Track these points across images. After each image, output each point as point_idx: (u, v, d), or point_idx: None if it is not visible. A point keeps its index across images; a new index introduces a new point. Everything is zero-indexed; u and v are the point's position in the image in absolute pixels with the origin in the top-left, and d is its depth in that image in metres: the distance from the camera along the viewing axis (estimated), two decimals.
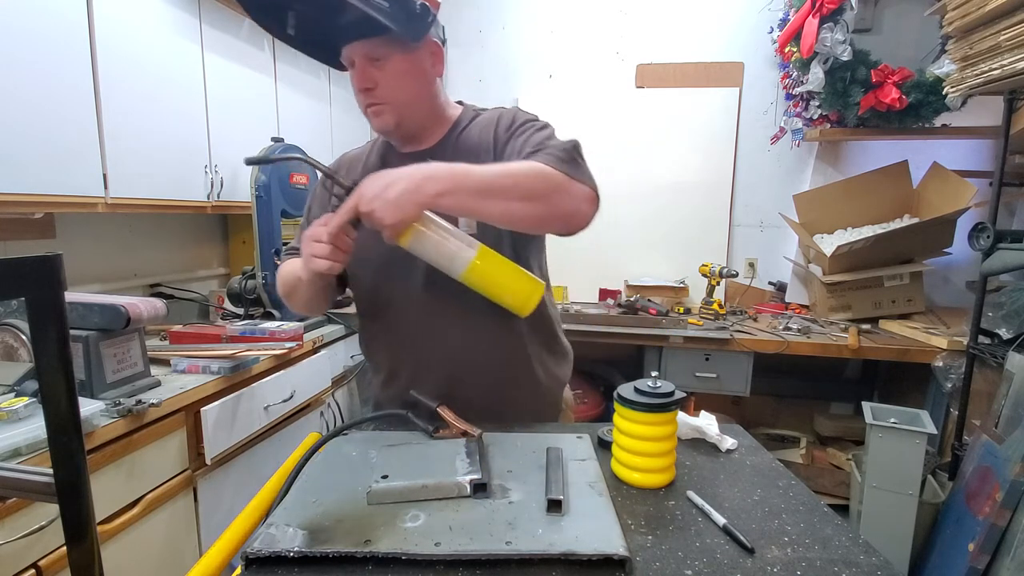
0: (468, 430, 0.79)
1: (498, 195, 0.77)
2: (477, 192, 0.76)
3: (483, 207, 0.77)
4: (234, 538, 0.75)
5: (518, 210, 0.79)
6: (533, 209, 0.80)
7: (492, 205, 0.77)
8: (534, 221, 0.82)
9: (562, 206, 0.81)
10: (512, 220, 0.81)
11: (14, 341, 1.23)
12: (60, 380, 0.44)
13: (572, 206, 0.82)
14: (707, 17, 2.72)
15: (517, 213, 0.79)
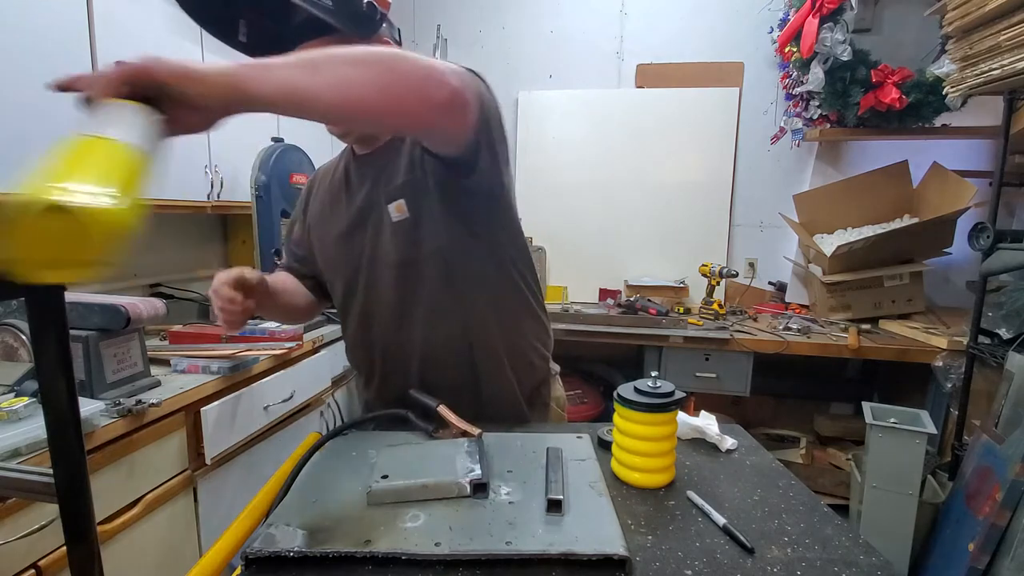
0: (468, 430, 0.79)
1: (325, 61, 0.61)
2: (297, 61, 0.60)
3: (306, 79, 0.59)
4: (234, 538, 0.75)
5: (351, 75, 0.62)
6: (373, 76, 0.63)
7: (316, 76, 0.60)
8: (379, 97, 0.63)
9: (413, 75, 0.64)
10: (347, 96, 0.62)
11: (14, 341, 1.23)
12: (60, 380, 0.44)
13: (426, 77, 0.65)
14: (707, 17, 2.72)
15: (354, 84, 0.62)
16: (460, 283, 0.92)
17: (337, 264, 1.00)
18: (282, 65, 0.59)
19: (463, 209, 0.90)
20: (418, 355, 0.95)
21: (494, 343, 0.96)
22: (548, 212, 2.87)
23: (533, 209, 2.87)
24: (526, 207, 2.88)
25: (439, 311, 0.93)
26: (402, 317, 0.94)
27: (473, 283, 0.93)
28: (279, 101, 0.60)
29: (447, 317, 0.93)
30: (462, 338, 0.94)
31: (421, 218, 0.89)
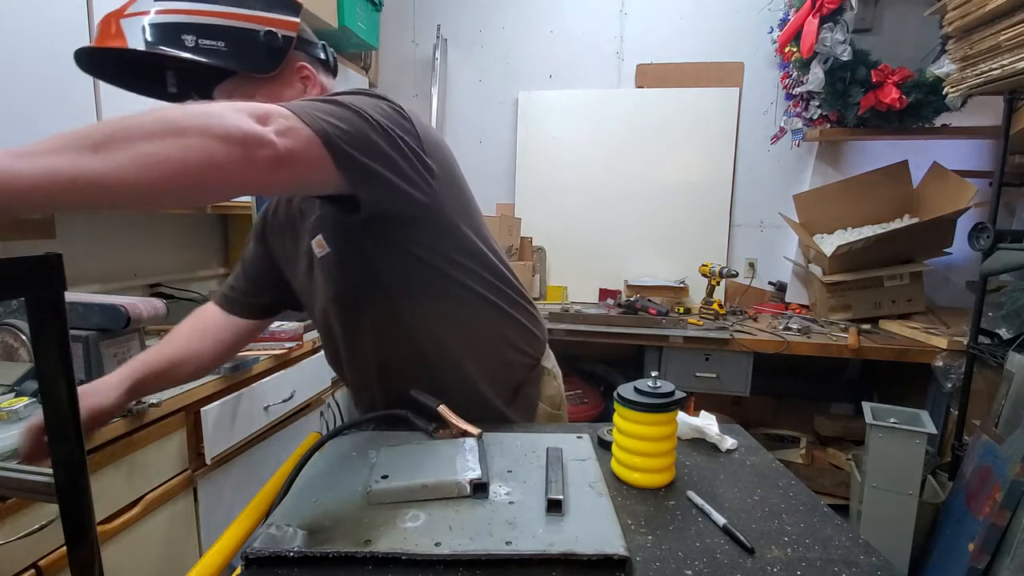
0: (468, 430, 0.79)
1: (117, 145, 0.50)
2: (75, 140, 0.49)
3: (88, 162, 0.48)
4: (234, 538, 0.75)
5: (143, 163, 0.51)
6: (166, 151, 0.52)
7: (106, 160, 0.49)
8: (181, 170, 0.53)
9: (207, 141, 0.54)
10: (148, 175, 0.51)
11: (14, 341, 1.23)
12: (60, 380, 0.44)
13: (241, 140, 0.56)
14: (707, 17, 2.72)
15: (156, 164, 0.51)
16: (401, 303, 0.88)
17: (304, 291, 0.98)
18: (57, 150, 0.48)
19: (385, 235, 0.83)
20: (376, 375, 0.94)
21: (452, 352, 0.92)
22: (548, 212, 2.87)
23: (533, 209, 2.87)
24: (526, 207, 2.89)
25: (385, 334, 0.91)
26: (354, 342, 0.93)
27: (416, 300, 0.89)
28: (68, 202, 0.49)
29: (395, 337, 0.90)
30: (416, 353, 0.91)
31: (343, 250, 0.85)
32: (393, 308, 0.88)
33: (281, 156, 0.60)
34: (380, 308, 0.89)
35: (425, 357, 0.92)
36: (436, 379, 0.93)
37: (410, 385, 0.90)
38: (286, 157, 0.61)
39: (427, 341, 0.91)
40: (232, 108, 0.59)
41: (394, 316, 0.89)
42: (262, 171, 0.59)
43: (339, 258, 0.86)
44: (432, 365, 0.92)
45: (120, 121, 0.52)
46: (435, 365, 0.92)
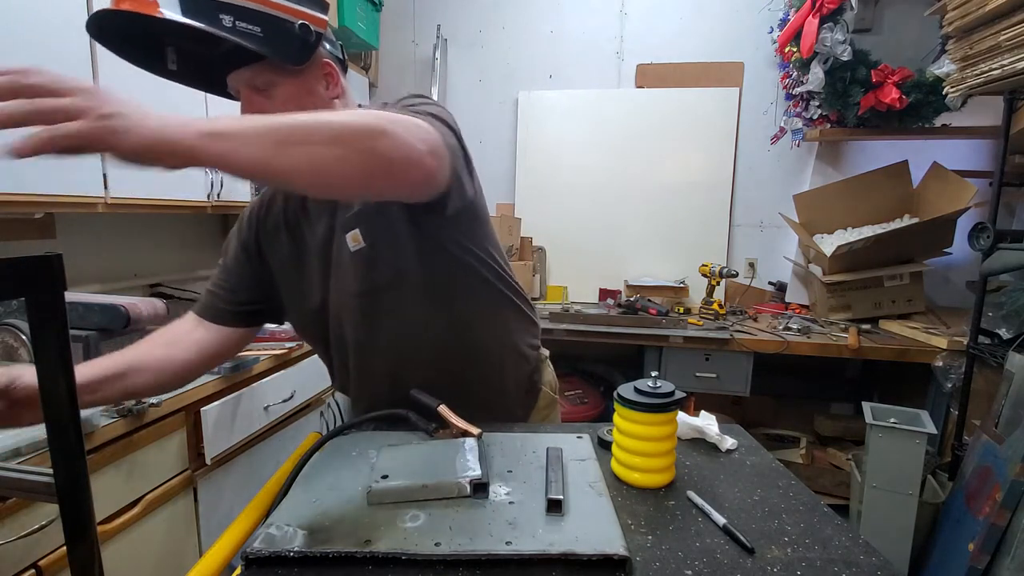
0: (468, 430, 0.79)
1: (292, 140, 0.59)
2: (261, 136, 0.57)
3: (275, 157, 0.58)
4: (234, 538, 0.75)
5: (326, 156, 0.60)
6: (344, 156, 0.61)
7: (285, 155, 0.58)
8: (352, 175, 0.62)
9: (386, 151, 0.63)
10: (320, 174, 0.61)
11: (14, 341, 1.23)
12: (60, 380, 0.44)
13: (400, 151, 0.64)
14: (707, 17, 2.72)
15: (326, 161, 0.60)
16: (430, 299, 0.90)
17: (304, 294, 0.95)
18: (250, 141, 0.56)
19: (431, 229, 0.86)
20: (387, 372, 0.94)
21: (477, 346, 0.94)
22: (548, 212, 2.87)
23: (533, 209, 2.87)
24: (526, 207, 2.89)
25: (409, 332, 0.91)
26: (370, 338, 0.92)
27: (445, 295, 0.91)
28: (247, 176, 0.61)
29: (418, 336, 0.91)
30: (437, 351, 0.92)
31: (379, 245, 0.86)
32: (424, 303, 0.90)
33: (429, 177, 0.68)
34: (408, 302, 0.89)
35: (446, 351, 0.92)
36: (453, 372, 0.94)
37: (422, 380, 0.91)
38: (432, 177, 0.69)
39: (455, 337, 0.92)
40: (396, 124, 0.64)
41: (422, 311, 0.90)
42: (410, 187, 0.69)
43: (376, 253, 0.86)
44: (452, 359, 0.93)
45: (303, 123, 0.60)
46: (456, 362, 0.94)
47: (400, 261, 0.86)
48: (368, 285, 0.88)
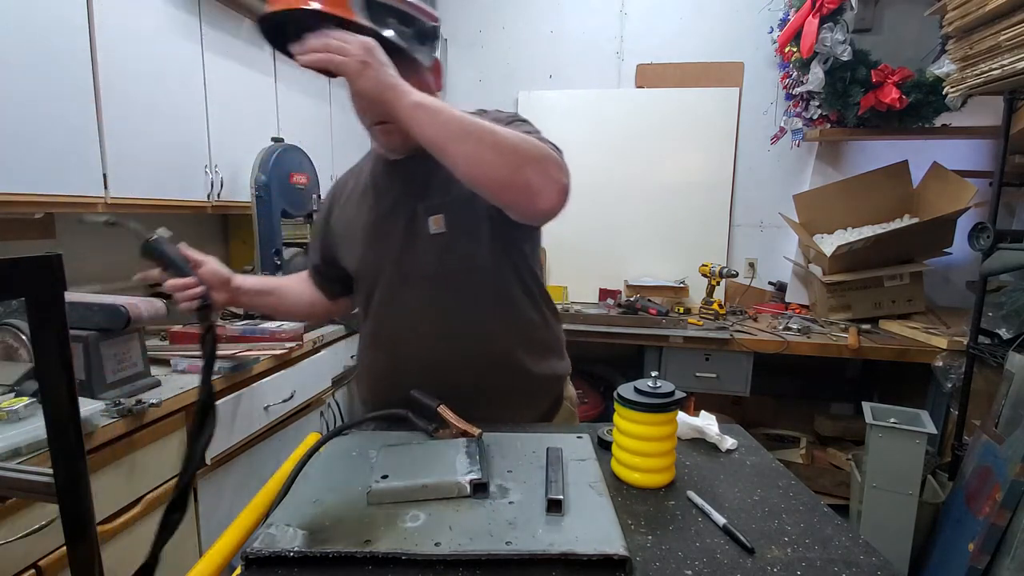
0: (468, 430, 0.79)
1: (472, 136, 0.75)
2: (455, 123, 0.75)
3: (453, 142, 0.75)
4: (234, 538, 0.75)
5: (487, 159, 0.76)
6: (502, 165, 0.76)
7: (462, 144, 0.76)
8: (498, 181, 0.77)
9: (532, 177, 0.78)
10: (476, 169, 0.77)
11: (14, 341, 1.23)
12: (60, 380, 0.44)
13: (541, 182, 0.79)
14: (707, 17, 2.72)
15: (485, 162, 0.76)
16: (485, 297, 0.96)
17: (363, 263, 1.02)
18: (445, 121, 0.75)
19: (508, 232, 0.94)
20: (430, 360, 0.96)
21: (513, 351, 0.98)
22: None
23: None
24: None
25: (460, 322, 0.96)
26: (423, 324, 0.96)
27: (500, 295, 0.97)
28: (423, 143, 0.77)
29: (466, 328, 0.96)
30: (479, 347, 0.96)
31: (458, 234, 0.93)
32: (478, 298, 0.95)
33: (550, 212, 0.82)
34: (466, 293, 0.95)
35: (484, 350, 0.96)
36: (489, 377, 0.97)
37: (460, 378, 0.95)
38: (552, 212, 0.83)
39: (496, 338, 0.97)
40: (548, 160, 0.79)
41: (475, 305, 0.95)
42: (532, 211, 0.82)
43: (453, 239, 0.93)
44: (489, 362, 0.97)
45: (482, 127, 0.76)
46: (492, 363, 0.97)
47: (473, 255, 0.94)
48: (440, 268, 0.94)
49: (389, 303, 0.98)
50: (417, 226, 0.94)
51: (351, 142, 2.70)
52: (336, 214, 1.08)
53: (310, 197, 2.05)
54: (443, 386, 0.92)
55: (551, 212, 0.83)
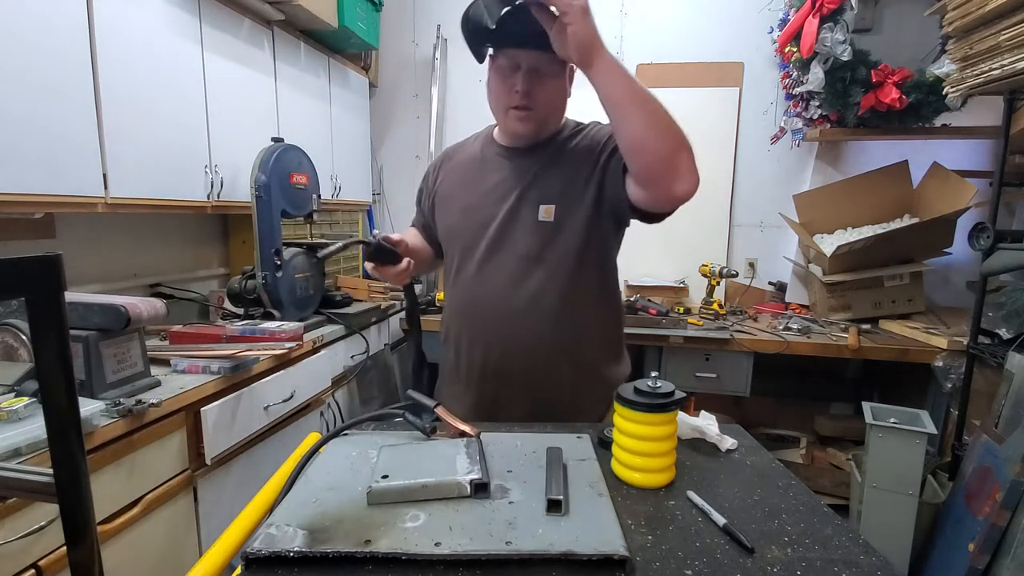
0: (465, 430, 0.79)
1: (651, 110, 0.83)
2: (637, 92, 0.83)
3: (634, 104, 0.83)
4: (234, 538, 0.75)
5: (657, 131, 0.84)
6: (667, 140, 0.85)
7: (640, 112, 0.83)
8: (657, 153, 0.86)
9: (684, 161, 0.87)
10: (644, 136, 0.85)
11: (14, 341, 1.23)
12: (60, 380, 0.44)
13: (688, 168, 0.88)
14: (707, 17, 2.72)
15: (654, 133, 0.84)
16: (572, 286, 1.02)
17: (456, 234, 1.10)
18: (633, 83, 0.84)
19: (604, 225, 1.02)
20: (511, 340, 1.03)
21: (590, 340, 1.06)
22: None
23: None
24: None
25: (541, 304, 1.02)
26: (509, 302, 1.03)
27: (583, 287, 1.04)
28: (603, 97, 0.84)
29: (551, 313, 1.02)
30: (559, 333, 1.03)
31: (564, 225, 1.01)
32: (564, 287, 1.02)
33: (678, 202, 0.93)
34: (556, 283, 1.02)
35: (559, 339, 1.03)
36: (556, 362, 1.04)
37: (535, 362, 1.03)
38: (679, 203, 0.94)
39: (577, 327, 1.03)
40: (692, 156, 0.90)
41: (561, 296, 1.02)
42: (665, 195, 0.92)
43: (558, 228, 1.01)
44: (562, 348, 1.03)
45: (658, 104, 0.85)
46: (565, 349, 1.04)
47: (570, 245, 1.01)
48: (538, 252, 1.01)
49: (478, 274, 1.06)
50: (523, 211, 1.02)
51: (351, 141, 2.70)
52: (441, 178, 1.17)
53: (310, 197, 2.05)
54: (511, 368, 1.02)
55: (681, 199, 0.90)
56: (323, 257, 1.00)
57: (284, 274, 1.91)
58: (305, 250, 2.05)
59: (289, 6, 2.00)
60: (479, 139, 1.16)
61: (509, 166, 1.06)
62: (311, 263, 2.07)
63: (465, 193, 1.10)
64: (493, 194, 1.05)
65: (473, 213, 1.07)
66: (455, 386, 1.13)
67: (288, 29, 2.19)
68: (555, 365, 1.04)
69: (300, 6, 2.00)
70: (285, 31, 2.17)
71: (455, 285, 1.12)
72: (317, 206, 2.07)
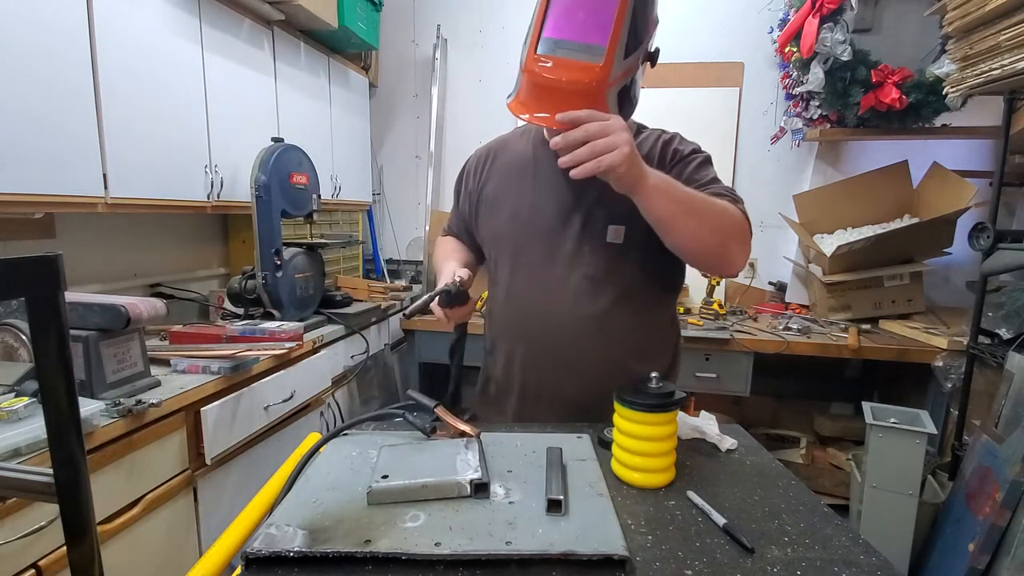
0: (465, 430, 0.79)
1: (696, 215, 0.81)
2: (682, 202, 0.80)
3: (680, 219, 0.81)
4: (234, 538, 0.75)
5: (704, 235, 0.83)
6: (714, 239, 0.83)
7: (687, 222, 0.81)
8: (707, 252, 0.85)
9: (734, 249, 0.86)
10: (692, 244, 0.84)
11: (14, 341, 1.23)
12: (60, 380, 0.44)
13: (739, 252, 0.87)
14: (707, 17, 2.72)
15: (701, 238, 0.83)
16: (645, 311, 1.01)
17: (505, 242, 1.05)
18: (675, 200, 0.80)
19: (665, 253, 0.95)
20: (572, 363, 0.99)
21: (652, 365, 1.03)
22: None
23: None
24: None
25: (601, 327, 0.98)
26: (576, 324, 0.98)
27: (656, 311, 1.02)
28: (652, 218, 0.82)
29: (622, 338, 0.99)
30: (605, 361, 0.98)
31: (634, 246, 0.96)
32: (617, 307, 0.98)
33: (731, 274, 0.92)
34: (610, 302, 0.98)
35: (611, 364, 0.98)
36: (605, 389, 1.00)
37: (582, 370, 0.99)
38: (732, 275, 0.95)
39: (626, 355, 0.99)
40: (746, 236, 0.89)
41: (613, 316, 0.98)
42: (735, 271, 0.92)
43: (628, 254, 0.97)
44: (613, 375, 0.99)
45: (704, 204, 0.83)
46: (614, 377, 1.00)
47: (644, 267, 0.98)
48: (605, 276, 0.97)
49: (533, 287, 1.01)
50: (590, 229, 0.97)
51: (351, 142, 2.70)
52: (486, 178, 1.09)
53: (310, 197, 2.05)
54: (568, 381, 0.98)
55: (735, 274, 0.92)
56: (410, 315, 0.93)
57: (284, 274, 1.91)
58: (305, 250, 2.05)
59: (289, 6, 2.00)
60: (527, 137, 1.08)
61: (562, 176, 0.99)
62: (311, 263, 2.07)
63: (516, 198, 1.03)
64: (551, 206, 0.99)
65: (527, 221, 1.01)
66: (503, 396, 1.08)
67: (288, 29, 2.19)
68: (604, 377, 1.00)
69: (300, 6, 2.00)
70: (285, 31, 2.17)
71: (507, 297, 1.05)
72: (317, 206, 2.07)
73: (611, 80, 0.79)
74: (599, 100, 0.80)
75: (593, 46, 0.78)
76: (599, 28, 0.78)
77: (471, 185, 1.12)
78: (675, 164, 0.98)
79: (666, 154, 1.00)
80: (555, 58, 0.80)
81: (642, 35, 0.86)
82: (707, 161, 1.01)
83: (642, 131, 1.07)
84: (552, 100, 0.80)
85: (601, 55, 0.78)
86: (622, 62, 0.80)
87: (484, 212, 1.09)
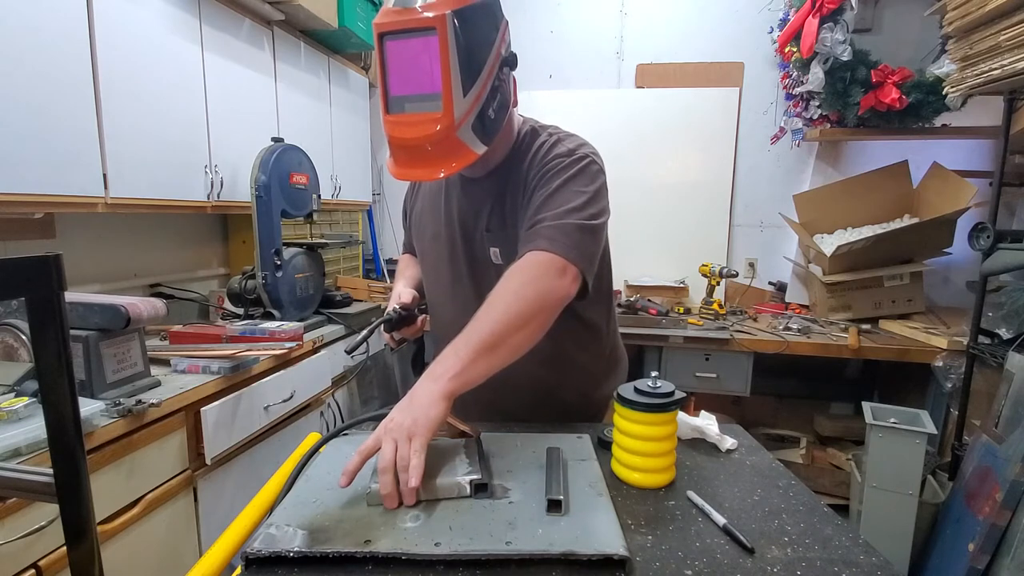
0: (466, 430, 0.79)
1: (501, 344, 0.77)
2: (486, 349, 0.75)
3: (494, 363, 0.76)
4: (234, 538, 0.75)
5: (523, 340, 0.79)
6: (533, 330, 0.80)
7: (500, 355, 0.77)
8: (538, 335, 0.82)
9: (553, 306, 0.82)
10: (527, 345, 0.80)
11: (14, 341, 1.23)
12: (60, 380, 0.44)
13: (560, 298, 0.83)
14: (707, 17, 2.72)
15: (524, 344, 0.80)
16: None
17: (429, 263, 1.09)
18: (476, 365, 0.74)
19: None
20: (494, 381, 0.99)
21: (570, 380, 1.04)
22: None
23: None
24: None
25: None
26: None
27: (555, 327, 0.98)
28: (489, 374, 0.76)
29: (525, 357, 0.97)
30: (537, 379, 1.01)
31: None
32: None
33: (570, 299, 0.84)
34: None
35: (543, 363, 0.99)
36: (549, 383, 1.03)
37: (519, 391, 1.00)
38: (571, 297, 0.85)
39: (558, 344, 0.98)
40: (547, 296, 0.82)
41: None
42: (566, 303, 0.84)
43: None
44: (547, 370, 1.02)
45: (496, 325, 0.77)
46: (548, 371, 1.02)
47: None
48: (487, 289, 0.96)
49: (450, 308, 1.04)
50: (478, 250, 0.99)
51: (351, 142, 2.70)
52: (416, 201, 1.14)
53: (310, 197, 2.05)
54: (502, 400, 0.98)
55: (572, 300, 0.86)
56: (351, 351, 0.94)
57: (284, 274, 1.91)
58: (305, 250, 2.05)
59: (289, 6, 2.00)
60: None
61: (464, 197, 1.01)
62: (311, 263, 2.07)
63: (434, 220, 1.05)
64: (453, 226, 1.01)
65: (443, 241, 1.03)
66: None
67: (288, 29, 2.19)
68: (541, 402, 1.03)
69: (300, 6, 2.00)
70: (285, 31, 2.17)
71: (432, 311, 1.11)
72: (317, 206, 2.08)
73: (457, 121, 0.80)
74: (453, 143, 0.81)
75: (432, 95, 0.79)
76: (430, 77, 0.79)
77: (408, 204, 1.18)
78: (536, 182, 0.97)
79: (533, 168, 0.99)
80: (404, 116, 0.82)
81: (481, 61, 0.84)
82: (568, 179, 0.98)
83: (537, 136, 1.06)
84: (415, 154, 0.83)
85: (439, 103, 0.79)
86: (463, 100, 0.80)
87: (416, 231, 1.14)
